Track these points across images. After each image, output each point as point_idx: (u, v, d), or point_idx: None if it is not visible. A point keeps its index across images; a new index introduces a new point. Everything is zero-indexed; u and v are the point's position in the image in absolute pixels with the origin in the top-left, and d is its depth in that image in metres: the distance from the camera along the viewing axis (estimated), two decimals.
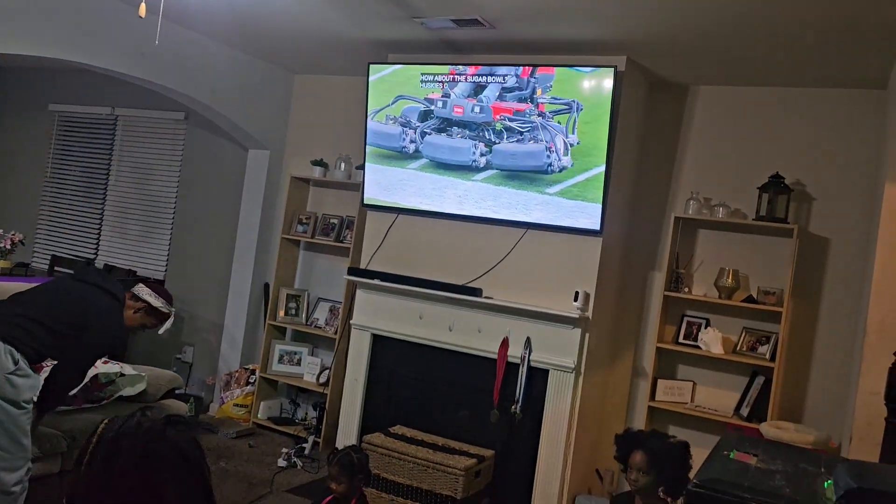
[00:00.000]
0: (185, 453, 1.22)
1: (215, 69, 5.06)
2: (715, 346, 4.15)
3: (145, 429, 1.21)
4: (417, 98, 4.44)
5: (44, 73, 6.86)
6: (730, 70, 4.11)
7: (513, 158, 4.20)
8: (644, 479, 2.68)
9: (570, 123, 4.00)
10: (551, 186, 4.08)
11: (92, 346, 3.08)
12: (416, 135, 4.47)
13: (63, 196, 6.74)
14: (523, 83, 4.13)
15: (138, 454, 1.18)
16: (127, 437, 1.20)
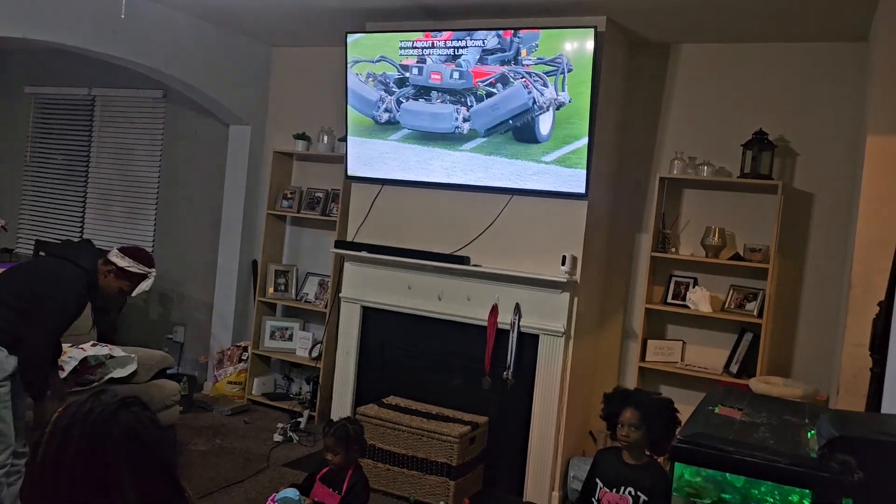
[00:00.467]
0: (138, 434, 1.21)
1: (191, 45, 4.98)
2: (703, 304, 4.18)
3: (96, 414, 1.20)
4: (394, 62, 4.38)
5: (18, 55, 6.73)
6: (710, 27, 4.07)
7: (494, 111, 4.14)
8: (635, 435, 2.72)
9: (560, 82, 3.94)
10: (547, 154, 4.03)
11: (49, 310, 3.03)
12: (393, 102, 4.42)
13: (45, 180, 6.66)
14: (506, 43, 4.06)
15: (88, 440, 1.18)
16: (77, 423, 1.20)
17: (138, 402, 1.28)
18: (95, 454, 1.18)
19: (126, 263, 3.16)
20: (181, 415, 4.47)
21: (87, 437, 1.19)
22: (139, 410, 1.26)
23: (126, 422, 1.22)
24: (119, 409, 1.23)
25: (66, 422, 1.21)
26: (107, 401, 1.24)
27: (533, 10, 4.06)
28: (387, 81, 4.41)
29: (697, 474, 1.62)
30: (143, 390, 3.87)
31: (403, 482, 3.94)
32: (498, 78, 4.10)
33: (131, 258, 3.19)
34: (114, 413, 1.22)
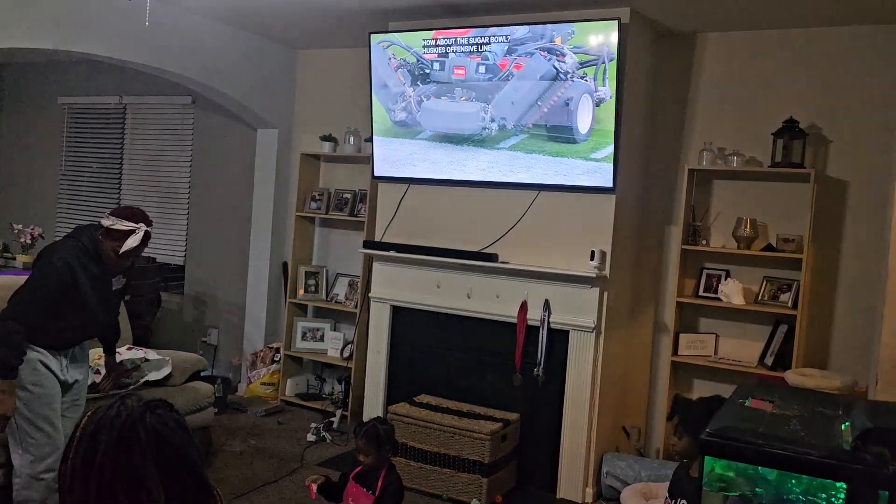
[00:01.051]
0: (163, 436, 1.24)
1: (218, 51, 5.04)
2: (736, 297, 4.11)
3: (123, 418, 1.23)
4: (417, 52, 4.35)
5: (51, 66, 6.89)
6: (738, 14, 4.00)
7: (515, 92, 4.08)
8: (680, 444, 2.61)
9: (600, 75, 3.88)
10: (597, 151, 3.96)
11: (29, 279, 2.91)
12: (413, 101, 4.41)
13: (79, 188, 6.81)
14: (537, 32, 4.00)
15: (114, 443, 1.21)
16: (104, 428, 1.23)
17: (164, 405, 1.31)
18: (123, 456, 1.21)
19: (110, 222, 2.96)
20: (216, 416, 4.53)
21: (114, 440, 1.22)
22: (164, 413, 1.29)
23: (152, 424, 1.25)
24: (145, 412, 1.26)
25: (93, 427, 1.25)
26: (132, 405, 1.27)
27: (555, 3, 4.03)
28: (414, 72, 4.39)
29: (729, 468, 1.59)
30: (177, 393, 3.93)
31: (436, 480, 3.95)
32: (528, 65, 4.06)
33: (116, 216, 2.98)
34: (140, 416, 1.25)
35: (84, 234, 3.01)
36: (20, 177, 7.17)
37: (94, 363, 3.72)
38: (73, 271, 2.90)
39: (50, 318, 2.92)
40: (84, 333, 3.12)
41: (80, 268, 2.94)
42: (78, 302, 2.96)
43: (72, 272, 2.90)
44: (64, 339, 3.04)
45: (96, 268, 3.00)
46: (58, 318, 2.94)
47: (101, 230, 2.99)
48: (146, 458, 1.21)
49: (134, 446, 1.22)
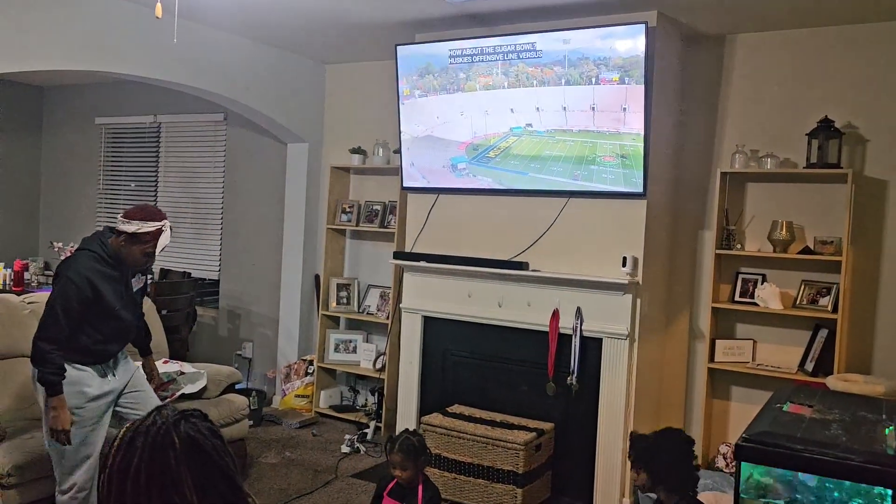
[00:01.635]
0: (197, 443, 1.27)
1: (248, 67, 5.12)
2: (773, 301, 4.02)
3: (158, 426, 1.28)
4: (444, 62, 4.36)
5: (88, 88, 7.06)
6: (768, 15, 3.94)
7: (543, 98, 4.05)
8: (639, 479, 2.57)
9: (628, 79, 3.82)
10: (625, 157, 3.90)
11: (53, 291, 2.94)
12: (440, 110, 4.43)
13: (116, 205, 6.94)
14: (564, 38, 3.94)
15: (149, 448, 1.25)
16: (140, 435, 1.27)
17: (198, 414, 1.35)
18: (158, 461, 1.25)
19: (135, 228, 2.92)
20: (251, 429, 4.57)
21: (149, 447, 1.26)
22: (198, 421, 1.32)
23: (186, 432, 1.28)
24: (179, 420, 1.30)
25: (130, 435, 1.29)
26: (167, 414, 1.31)
27: (582, 10, 4.02)
28: (441, 82, 4.40)
29: (768, 474, 1.55)
30: (212, 405, 3.96)
31: (470, 491, 3.92)
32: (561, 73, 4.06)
33: (138, 219, 2.95)
34: (174, 424, 1.29)
35: (94, 243, 2.99)
36: (60, 196, 7.35)
37: None
38: (91, 282, 2.91)
39: (80, 333, 2.94)
40: (118, 339, 3.13)
41: (98, 276, 2.93)
42: (103, 309, 2.97)
43: (91, 283, 2.90)
44: (101, 352, 3.07)
45: (114, 271, 2.99)
46: (87, 331, 2.97)
47: (122, 236, 2.95)
48: (180, 463, 1.25)
49: (168, 451, 1.25)
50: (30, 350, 3.47)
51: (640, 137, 3.86)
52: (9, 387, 3.48)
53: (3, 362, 3.54)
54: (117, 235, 2.97)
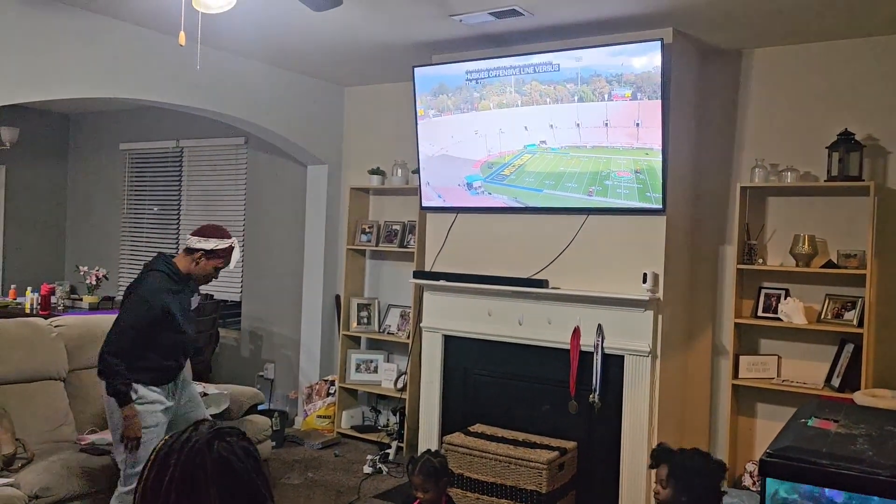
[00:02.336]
0: (230, 464, 1.26)
1: (268, 91, 5.20)
2: (797, 316, 3.98)
3: (192, 443, 1.27)
4: (460, 83, 4.41)
5: (113, 115, 7.20)
6: (785, 29, 3.94)
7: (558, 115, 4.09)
8: (664, 493, 2.56)
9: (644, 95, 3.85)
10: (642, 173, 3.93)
11: (125, 308, 3.17)
12: (457, 130, 4.46)
13: (140, 229, 7.05)
14: (579, 57, 3.98)
15: (182, 467, 1.24)
16: (175, 452, 1.26)
17: (235, 433, 1.32)
18: (189, 481, 1.24)
19: (213, 245, 3.23)
20: (274, 450, 4.58)
21: (181, 466, 1.25)
22: (234, 441, 1.30)
23: (219, 452, 1.27)
24: (214, 438, 1.28)
25: (165, 450, 1.28)
26: (204, 431, 1.30)
27: (597, 28, 4.04)
28: (457, 102, 4.45)
29: (794, 491, 1.53)
30: (236, 426, 3.98)
31: None
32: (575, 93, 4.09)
33: (214, 237, 3.25)
34: (208, 443, 1.27)
35: (160, 263, 3.25)
36: (85, 221, 7.47)
37: None
38: (162, 300, 3.16)
39: (147, 350, 3.16)
40: (181, 353, 3.33)
41: (168, 294, 3.19)
42: (171, 325, 3.21)
43: (162, 301, 3.16)
44: (167, 368, 3.27)
45: (181, 289, 3.27)
46: (154, 347, 3.18)
47: (198, 253, 3.24)
48: (210, 485, 1.24)
49: (199, 472, 1.24)
50: (56, 372, 3.54)
51: (653, 152, 3.86)
52: (37, 409, 3.53)
53: (31, 385, 3.59)
54: (191, 253, 3.25)
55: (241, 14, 3.60)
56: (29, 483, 3.06)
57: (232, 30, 4.24)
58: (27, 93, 3.96)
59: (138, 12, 4.12)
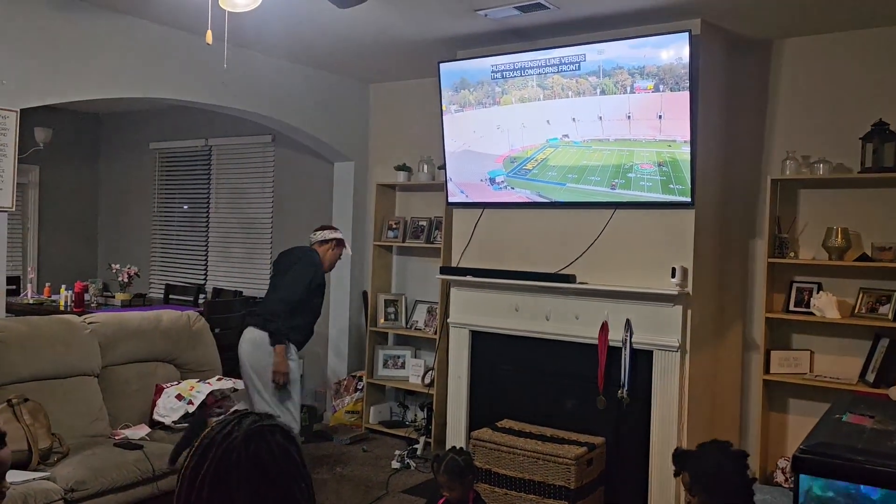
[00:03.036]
0: (263, 466, 1.21)
1: (295, 89, 5.23)
2: (830, 310, 3.91)
3: (231, 440, 1.21)
4: (485, 78, 4.40)
5: (143, 115, 7.30)
6: (815, 18, 3.87)
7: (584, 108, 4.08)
8: (694, 501, 2.46)
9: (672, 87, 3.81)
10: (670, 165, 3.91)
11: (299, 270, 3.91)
12: (482, 125, 4.45)
13: (170, 227, 7.14)
14: (605, 49, 3.96)
15: (216, 465, 1.20)
16: (214, 446, 1.21)
17: (278, 430, 1.25)
18: (219, 482, 1.20)
19: (340, 234, 4.13)
20: (303, 444, 4.61)
21: (216, 462, 1.20)
22: (274, 440, 1.23)
23: (255, 452, 1.21)
24: (253, 437, 1.22)
25: (207, 441, 1.23)
26: (245, 426, 1.23)
27: (623, 21, 4.00)
28: (482, 97, 4.44)
29: (828, 488, 1.50)
30: (281, 423, 4.02)
31: None
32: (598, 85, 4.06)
33: (336, 230, 4.15)
34: (245, 441, 1.21)
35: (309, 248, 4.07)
36: (116, 219, 7.59)
37: (187, 394, 3.87)
38: (321, 274, 4.01)
39: (298, 312, 3.86)
40: (314, 324, 4.07)
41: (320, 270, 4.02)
42: (319, 294, 3.99)
43: (321, 274, 4.01)
44: (306, 336, 4.01)
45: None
46: (304, 312, 3.90)
47: (332, 242, 4.07)
48: (241, 486, 1.19)
49: (232, 472, 1.20)
50: (90, 368, 3.59)
51: (676, 144, 3.82)
52: (71, 404, 3.60)
53: (66, 381, 3.65)
54: (325, 243, 4.06)
55: (267, 12, 3.62)
56: (64, 477, 3.12)
57: (258, 28, 4.27)
58: (59, 94, 4.03)
59: (166, 12, 4.17)
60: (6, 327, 3.58)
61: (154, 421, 3.83)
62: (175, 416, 3.80)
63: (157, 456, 3.39)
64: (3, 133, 3.78)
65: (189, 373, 4.19)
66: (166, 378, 4.07)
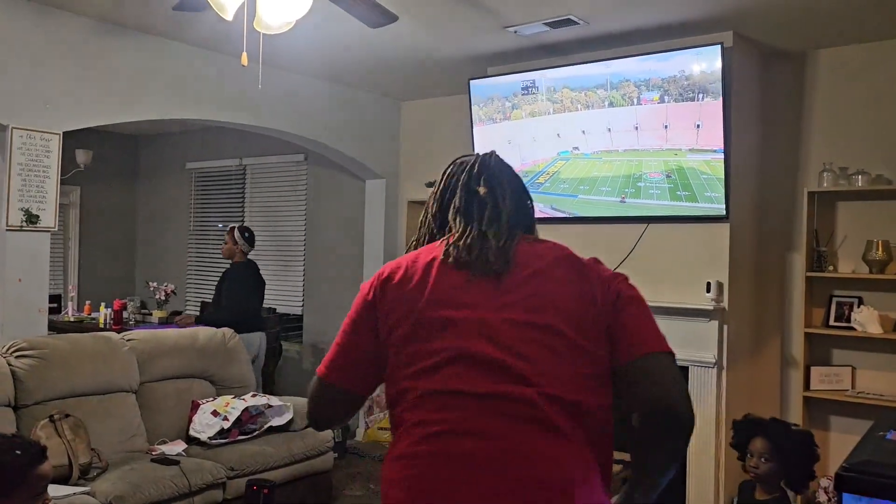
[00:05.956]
0: None
1: (326, 108, 5.30)
2: (872, 325, 3.82)
3: None
4: (516, 93, 4.41)
5: (179, 136, 7.45)
6: (850, 28, 3.81)
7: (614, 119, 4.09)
8: (765, 467, 2.50)
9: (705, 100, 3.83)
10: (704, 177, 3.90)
11: None
12: (512, 139, 4.47)
13: (206, 245, 7.25)
14: (636, 64, 3.97)
15: None
16: None
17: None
18: None
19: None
20: (335, 461, 4.62)
21: None
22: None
23: None
24: None
25: None
26: None
27: (654, 35, 3.99)
28: (513, 112, 4.46)
29: None
30: (298, 438, 4.05)
31: None
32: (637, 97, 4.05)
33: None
34: None
35: None
36: (154, 238, 7.73)
37: (223, 410, 3.91)
38: None
39: None
40: None
41: None
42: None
43: None
44: None
45: None
46: None
47: None
48: None
49: None
50: (129, 384, 3.64)
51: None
52: (110, 420, 3.66)
53: (105, 397, 3.72)
54: None
55: (300, 33, 3.68)
56: (103, 492, 3.17)
57: (291, 49, 4.34)
58: (100, 117, 4.14)
59: (202, 36, 4.27)
60: (48, 344, 3.66)
61: (190, 437, 3.88)
62: (211, 431, 3.84)
63: (193, 472, 3.43)
64: (46, 155, 3.89)
65: (224, 389, 4.23)
66: (202, 394, 4.12)
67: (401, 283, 1.42)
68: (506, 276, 1.38)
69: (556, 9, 3.65)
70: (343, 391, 1.45)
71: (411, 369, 1.35)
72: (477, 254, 1.39)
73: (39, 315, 3.98)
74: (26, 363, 3.49)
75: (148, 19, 4.04)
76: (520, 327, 1.32)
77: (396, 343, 1.40)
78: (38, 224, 3.87)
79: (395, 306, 1.40)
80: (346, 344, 1.48)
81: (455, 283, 1.38)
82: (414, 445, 1.31)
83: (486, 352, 1.31)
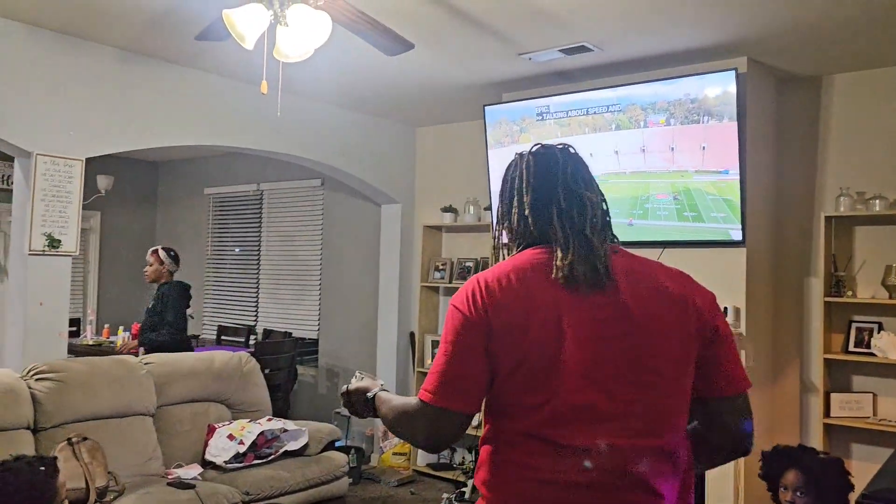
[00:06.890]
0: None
1: (343, 134, 5.36)
2: (893, 351, 3.78)
3: None
4: (530, 120, 4.45)
5: (198, 161, 7.56)
6: (865, 53, 3.82)
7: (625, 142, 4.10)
8: (801, 501, 2.42)
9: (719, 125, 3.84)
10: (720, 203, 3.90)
11: None
12: None
13: (223, 270, 7.31)
14: (651, 90, 4.01)
15: None
16: None
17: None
18: None
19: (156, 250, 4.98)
20: (350, 486, 4.61)
21: None
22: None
23: None
24: None
25: None
26: None
27: (669, 60, 4.02)
28: (527, 137, 4.50)
29: None
30: (314, 462, 4.04)
31: None
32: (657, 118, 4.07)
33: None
34: None
35: None
36: None
37: (238, 434, 3.92)
38: None
39: None
40: None
41: None
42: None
43: None
44: None
45: None
46: None
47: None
48: None
49: None
50: (146, 408, 3.67)
51: (735, 184, 3.78)
52: (127, 443, 3.68)
53: (123, 420, 3.74)
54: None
55: (318, 61, 3.74)
56: None
57: (309, 76, 4.41)
58: (122, 143, 4.21)
59: (223, 64, 4.35)
60: (67, 368, 3.70)
61: (206, 460, 3.89)
62: (226, 455, 3.84)
63: (208, 496, 3.43)
64: (69, 181, 3.96)
65: (240, 413, 4.25)
66: (218, 418, 4.13)
67: (512, 305, 1.38)
68: (609, 291, 1.39)
69: (572, 36, 3.69)
70: (457, 412, 1.41)
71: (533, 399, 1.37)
72: (588, 269, 1.39)
73: (59, 339, 4.02)
74: (46, 386, 3.53)
75: (170, 49, 4.12)
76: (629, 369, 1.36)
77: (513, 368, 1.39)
78: (59, 249, 3.93)
79: (514, 338, 1.37)
80: (453, 367, 1.42)
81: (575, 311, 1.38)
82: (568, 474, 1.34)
83: (600, 405, 1.35)
